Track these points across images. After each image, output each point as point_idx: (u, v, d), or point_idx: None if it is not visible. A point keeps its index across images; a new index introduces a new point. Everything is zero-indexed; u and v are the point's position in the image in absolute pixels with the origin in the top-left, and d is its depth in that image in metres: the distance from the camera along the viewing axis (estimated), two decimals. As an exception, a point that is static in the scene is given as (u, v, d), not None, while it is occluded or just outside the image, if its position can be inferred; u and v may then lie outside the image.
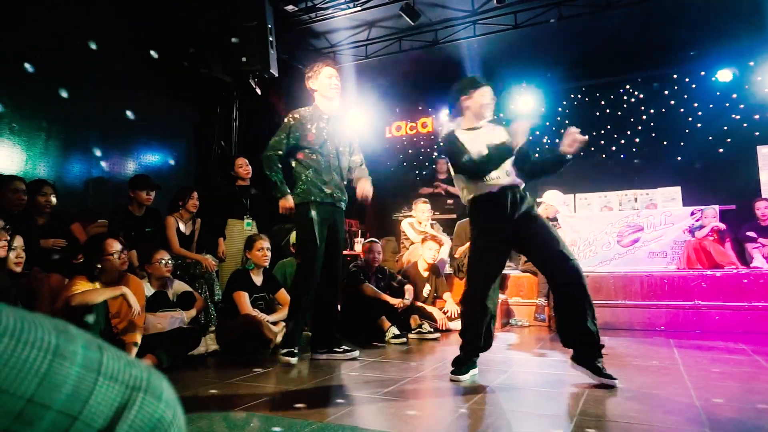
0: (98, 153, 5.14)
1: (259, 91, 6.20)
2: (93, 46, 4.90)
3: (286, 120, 3.42)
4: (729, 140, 7.59)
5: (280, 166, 3.36)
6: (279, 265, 4.70)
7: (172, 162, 5.97)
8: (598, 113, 8.46)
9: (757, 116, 7.50)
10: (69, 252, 3.80)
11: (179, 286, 3.80)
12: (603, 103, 8.45)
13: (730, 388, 2.56)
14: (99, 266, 3.08)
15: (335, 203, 3.46)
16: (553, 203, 5.39)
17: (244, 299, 3.86)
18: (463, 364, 2.83)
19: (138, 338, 3.07)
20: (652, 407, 2.21)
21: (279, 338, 3.77)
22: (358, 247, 6.30)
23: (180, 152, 6.16)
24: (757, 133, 7.42)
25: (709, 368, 3.01)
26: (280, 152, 3.36)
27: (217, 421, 2.08)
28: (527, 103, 8.34)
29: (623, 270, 5.36)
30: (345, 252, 5.73)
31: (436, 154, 9.37)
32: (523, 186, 2.87)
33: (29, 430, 0.47)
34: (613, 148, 8.32)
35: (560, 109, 8.69)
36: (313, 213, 3.31)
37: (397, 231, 6.28)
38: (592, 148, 8.44)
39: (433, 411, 2.28)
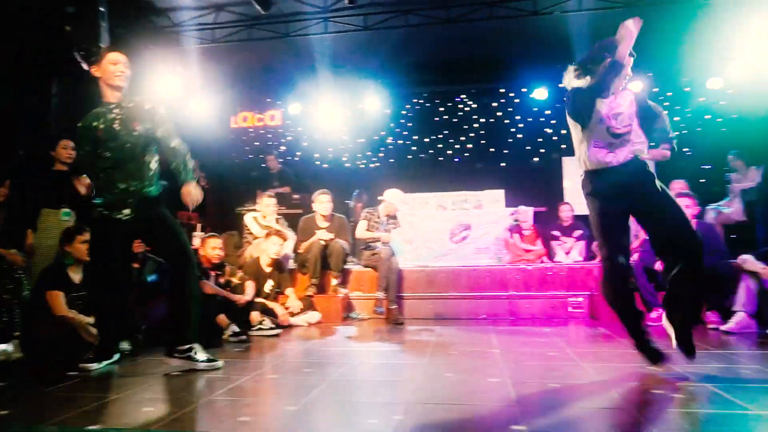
0: None
1: (86, 66, 5.52)
2: None
3: (78, 128, 3.11)
4: (542, 150, 8.73)
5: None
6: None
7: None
8: (437, 118, 9.10)
9: (564, 131, 8.71)
10: None
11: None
12: (442, 109, 9.11)
13: (535, 367, 2.95)
14: None
15: (136, 196, 3.04)
16: (393, 201, 5.66)
17: (58, 299, 3.43)
18: None
19: None
20: (472, 389, 2.47)
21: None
22: (197, 242, 5.96)
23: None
24: (563, 146, 8.64)
25: (520, 350, 3.44)
26: (91, 163, 3.06)
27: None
28: (373, 103, 8.63)
29: (453, 264, 5.86)
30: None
31: (284, 148, 9.26)
32: None
33: None
34: (449, 152, 9.03)
35: (404, 111, 9.17)
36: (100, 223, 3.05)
37: (240, 225, 6.08)
38: (431, 151, 9.07)
39: (270, 409, 2.27)
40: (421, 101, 9.19)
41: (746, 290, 4.14)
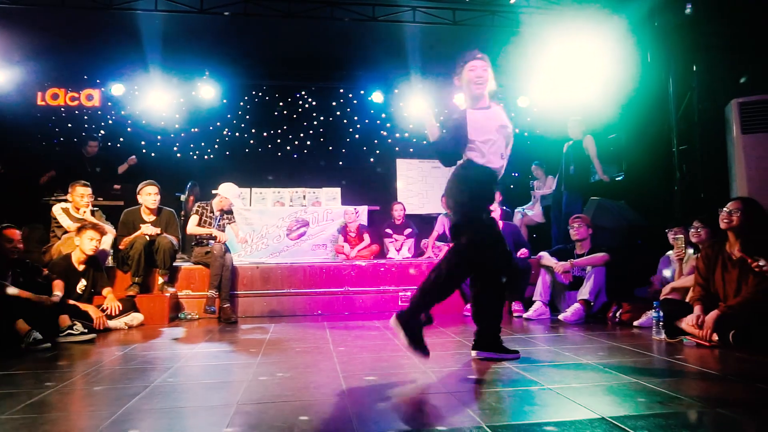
0: None
1: None
2: None
3: None
4: (378, 152, 9.14)
5: None
6: None
7: None
8: (276, 113, 8.98)
9: (398, 134, 9.23)
10: None
11: None
12: (281, 104, 9.01)
13: (366, 360, 3.08)
14: None
15: None
16: (228, 196, 5.46)
17: None
18: None
19: None
20: (305, 385, 2.49)
21: None
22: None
23: None
24: (397, 148, 9.16)
25: (352, 344, 3.57)
26: None
27: None
28: (209, 93, 8.20)
29: (290, 261, 5.84)
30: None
31: (102, 132, 8.32)
32: None
33: None
34: (288, 147, 8.96)
35: (242, 103, 8.87)
36: None
37: (46, 217, 5.31)
38: (270, 146, 8.91)
39: (77, 424, 2.04)
40: (260, 94, 8.98)
41: (543, 282, 4.83)
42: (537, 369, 2.72)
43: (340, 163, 9.00)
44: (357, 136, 9.13)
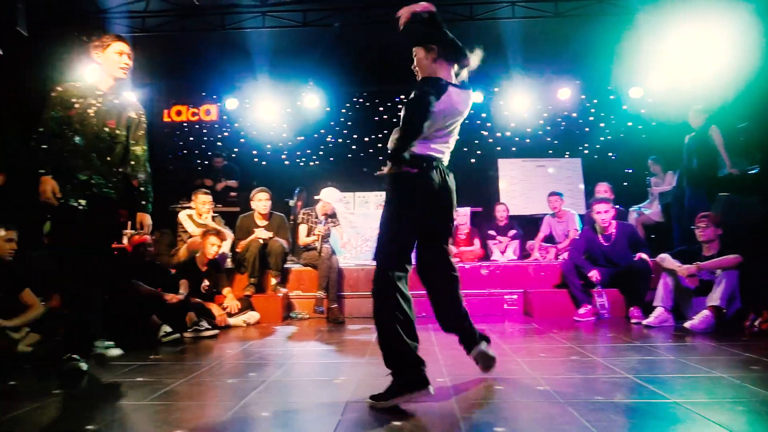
0: None
1: (0, 52, 5.13)
2: None
3: (51, 94, 2.94)
4: (479, 152, 8.98)
5: (49, 147, 2.84)
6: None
7: None
8: (377, 118, 9.15)
9: (499, 134, 9.02)
10: None
11: None
12: (381, 109, 9.17)
13: (471, 362, 3.02)
14: None
15: (95, 191, 2.94)
16: (329, 200, 5.63)
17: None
18: None
19: None
20: (411, 386, 2.49)
21: (22, 346, 3.21)
22: (126, 240, 5.69)
23: None
24: (499, 148, 8.93)
25: (457, 347, 3.51)
26: (50, 130, 2.87)
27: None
28: (313, 101, 8.56)
29: (393, 263, 5.90)
30: (113, 245, 5.12)
31: (219, 144, 9.01)
32: None
33: None
34: (390, 151, 9.07)
35: (344, 110, 9.16)
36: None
37: (173, 223, 5.85)
38: (371, 150, 9.10)
39: (206, 412, 2.20)
40: (362, 100, 9.21)
41: (664, 287, 4.44)
42: (662, 381, 2.50)
43: (445, 164, 8.96)
44: (457, 137, 9.04)
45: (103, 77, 3.05)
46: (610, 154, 8.73)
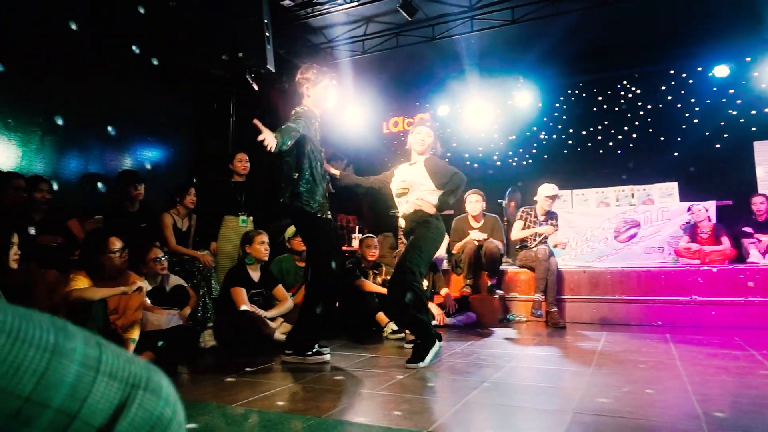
0: (94, 149, 5.12)
1: (255, 87, 6.17)
2: (88, 42, 4.89)
3: (299, 110, 3.20)
4: (726, 135, 7.61)
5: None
6: (275, 261, 4.69)
7: (168, 158, 5.95)
8: (595, 109, 8.47)
9: (753, 111, 7.52)
10: (65, 248, 3.79)
11: (174, 281, 3.80)
12: (600, 98, 8.46)
13: (726, 383, 2.57)
14: (98, 263, 3.07)
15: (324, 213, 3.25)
16: (546, 194, 5.32)
17: (241, 295, 3.85)
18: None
19: (136, 335, 3.06)
20: (648, 402, 2.22)
21: (278, 335, 3.77)
22: (356, 243, 6.30)
23: (176, 148, 6.13)
24: (753, 129, 7.45)
25: (706, 363, 3.03)
26: (297, 133, 3.01)
27: (215, 417, 2.08)
28: (524, 99, 8.34)
29: (620, 265, 5.37)
30: (342, 248, 5.74)
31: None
32: None
33: (27, 429, 0.46)
34: (610, 143, 8.33)
35: (557, 104, 8.70)
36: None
37: (394, 226, 6.28)
38: (590, 144, 8.46)
39: (429, 406, 2.28)
40: (577, 92, 8.63)
41: None
42: None
43: (676, 154, 7.86)
44: (696, 120, 7.83)
45: (312, 107, 3.28)
46: None
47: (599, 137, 8.39)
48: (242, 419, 2.06)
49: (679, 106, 7.96)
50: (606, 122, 8.38)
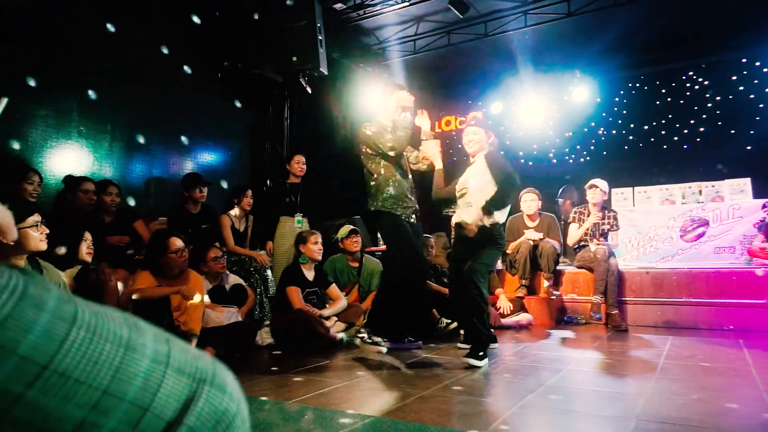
0: (159, 154, 5.37)
1: (309, 90, 6.28)
2: (148, 52, 5.13)
3: (382, 121, 3.80)
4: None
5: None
6: (329, 261, 4.76)
7: (227, 161, 6.15)
8: (658, 102, 8.09)
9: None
10: (133, 248, 3.99)
11: (233, 279, 3.93)
12: (663, 91, 8.07)
13: (809, 392, 2.39)
14: (161, 262, 3.22)
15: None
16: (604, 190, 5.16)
17: (296, 294, 3.93)
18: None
19: (197, 331, 3.18)
20: (721, 411, 2.10)
21: (333, 333, 3.83)
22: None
23: (235, 151, 6.33)
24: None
25: (784, 371, 2.83)
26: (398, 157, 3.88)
27: (272, 413, 2.13)
28: (581, 94, 8.07)
29: (687, 266, 5.11)
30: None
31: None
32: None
33: (104, 420, 0.49)
34: (675, 138, 7.93)
35: (617, 99, 8.37)
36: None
37: (448, 227, 6.23)
38: (652, 139, 8.09)
39: (485, 408, 2.25)
40: (638, 85, 8.27)
41: None
42: None
43: (748, 147, 7.38)
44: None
45: (384, 115, 3.82)
46: None
47: (663, 132, 8.00)
48: (298, 416, 2.10)
49: (752, 96, 7.48)
50: (670, 116, 7.97)
